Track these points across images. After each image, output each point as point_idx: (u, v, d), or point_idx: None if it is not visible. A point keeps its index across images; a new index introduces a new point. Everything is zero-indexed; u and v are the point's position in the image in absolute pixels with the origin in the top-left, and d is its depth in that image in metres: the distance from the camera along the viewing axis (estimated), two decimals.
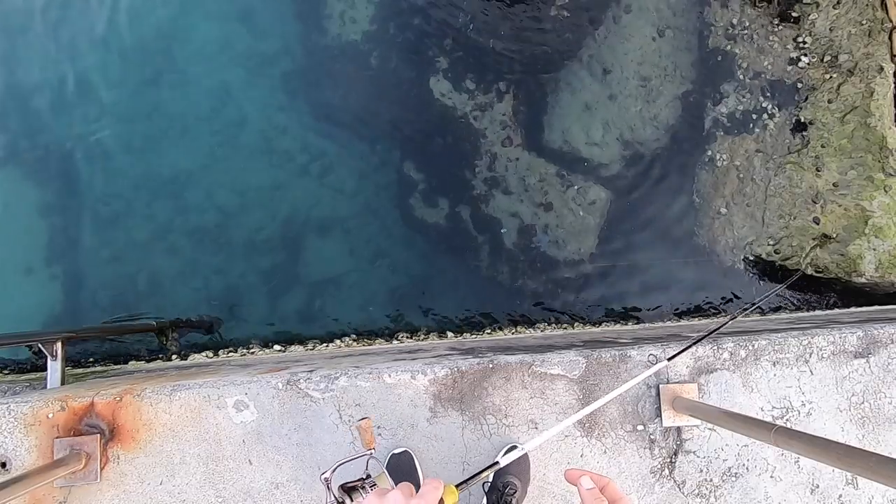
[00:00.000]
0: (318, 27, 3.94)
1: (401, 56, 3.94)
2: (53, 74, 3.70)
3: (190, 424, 1.70)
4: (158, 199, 3.68)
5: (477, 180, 3.89)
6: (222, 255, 3.67)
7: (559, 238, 3.89)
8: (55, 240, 3.60)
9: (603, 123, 4.02)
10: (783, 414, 1.93)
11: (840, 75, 3.90)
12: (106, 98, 3.71)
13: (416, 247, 3.83)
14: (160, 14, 3.81)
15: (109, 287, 3.58)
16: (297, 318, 3.64)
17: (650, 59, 4.08)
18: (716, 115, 4.03)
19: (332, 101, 3.89)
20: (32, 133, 3.66)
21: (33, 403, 1.65)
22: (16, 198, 3.63)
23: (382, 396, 1.79)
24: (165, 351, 3.24)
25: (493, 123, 3.94)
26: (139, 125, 3.75)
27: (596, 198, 3.93)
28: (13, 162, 3.64)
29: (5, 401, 1.65)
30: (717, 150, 3.98)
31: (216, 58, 3.84)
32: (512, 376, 1.85)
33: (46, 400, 1.65)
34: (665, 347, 1.95)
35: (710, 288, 3.80)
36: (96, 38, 3.74)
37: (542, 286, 3.80)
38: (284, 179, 3.80)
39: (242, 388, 1.74)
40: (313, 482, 1.71)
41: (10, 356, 3.29)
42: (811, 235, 3.73)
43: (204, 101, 3.79)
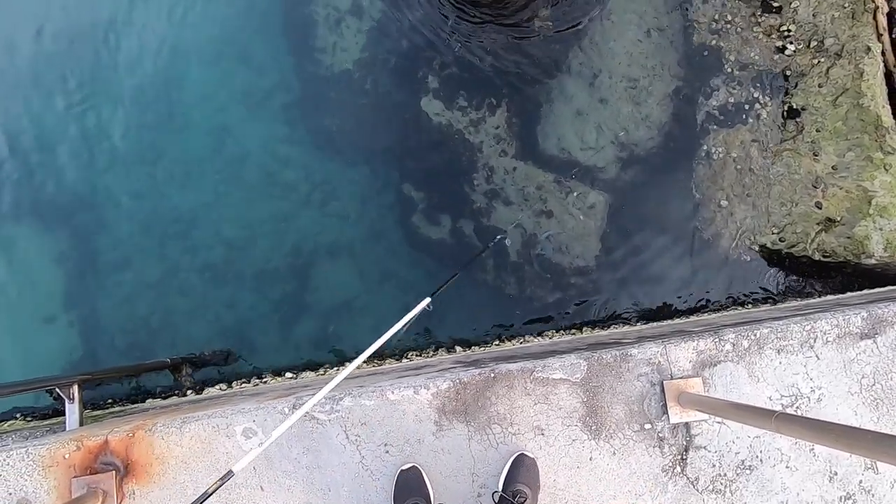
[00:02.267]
0: (312, 59, 4.06)
1: (393, 80, 4.04)
2: (61, 128, 3.86)
3: (201, 455, 1.74)
4: (167, 240, 3.77)
5: (477, 194, 3.93)
6: (232, 288, 3.74)
7: (562, 244, 3.90)
8: (71, 287, 3.71)
9: (596, 128, 4.06)
10: (793, 402, 1.91)
11: (828, 59, 3.90)
12: (112, 147, 3.85)
13: (423, 265, 3.86)
14: (158, 61, 3.97)
15: (125, 329, 3.67)
16: (310, 345, 3.68)
17: (637, 61, 4.12)
18: (708, 110, 4.05)
19: (329, 130, 3.98)
20: (43, 187, 3.80)
21: (50, 445, 1.70)
22: (32, 250, 3.75)
23: (387, 413, 1.81)
24: (180, 387, 3.30)
25: (487, 137, 4.00)
26: (145, 170, 3.87)
27: (595, 201, 3.94)
28: (28, 216, 3.77)
29: (24, 445, 1.71)
30: (713, 144, 3.98)
31: (215, 98, 3.98)
32: (514, 384, 1.87)
33: (62, 441, 1.71)
34: (666, 344, 1.94)
35: (717, 282, 3.77)
36: (99, 89, 3.90)
37: (549, 293, 3.81)
38: (289, 210, 3.88)
39: (250, 415, 1.78)
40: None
41: (30, 403, 3.37)
42: (815, 221, 3.70)
43: (205, 142, 3.91)
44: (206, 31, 4.03)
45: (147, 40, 3.97)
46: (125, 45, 3.96)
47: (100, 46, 3.95)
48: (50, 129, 3.85)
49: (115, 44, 3.95)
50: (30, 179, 3.81)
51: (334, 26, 4.12)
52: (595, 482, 1.81)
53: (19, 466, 1.67)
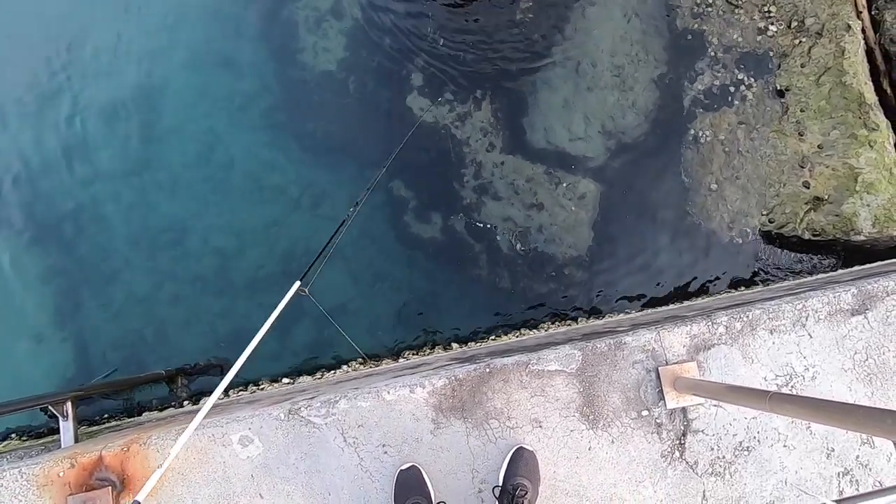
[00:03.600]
0: (293, 61, 4.03)
1: (376, 78, 4.01)
2: (44, 143, 3.81)
3: (198, 466, 1.72)
4: (157, 251, 3.73)
5: (466, 190, 3.92)
6: (225, 297, 3.70)
7: (554, 235, 3.90)
8: (60, 303, 3.66)
9: (583, 117, 4.05)
10: (788, 381, 1.92)
11: (809, 39, 3.91)
12: (96, 160, 3.80)
13: (416, 264, 3.85)
14: (140, 72, 3.92)
15: (118, 343, 3.63)
16: (306, 350, 3.66)
17: (621, 48, 4.12)
18: (693, 94, 4.05)
19: (315, 132, 3.95)
20: (29, 201, 3.75)
21: (44, 464, 1.68)
22: (20, 268, 3.70)
23: (384, 414, 1.80)
24: (177, 398, 3.27)
25: (474, 131, 3.99)
26: (131, 182, 3.83)
27: (585, 191, 3.94)
28: (11, 232, 3.72)
29: (17, 465, 1.69)
30: (700, 128, 3.99)
31: (198, 106, 3.93)
32: (510, 378, 1.86)
33: (56, 459, 1.68)
34: (660, 330, 1.94)
35: (710, 265, 3.78)
36: (80, 101, 3.85)
37: (543, 285, 3.81)
38: (278, 215, 3.84)
39: (245, 423, 1.77)
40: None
41: (25, 423, 3.34)
42: (803, 200, 3.71)
43: (190, 150, 3.87)
44: (184, 38, 3.99)
45: (126, 49, 3.92)
46: (104, 55, 3.90)
47: (78, 57, 3.90)
48: (31, 143, 3.80)
49: (92, 54, 3.90)
50: (12, 194, 3.76)
51: (314, 27, 4.08)
52: (595, 471, 1.81)
53: (13, 487, 1.65)
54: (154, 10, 4.00)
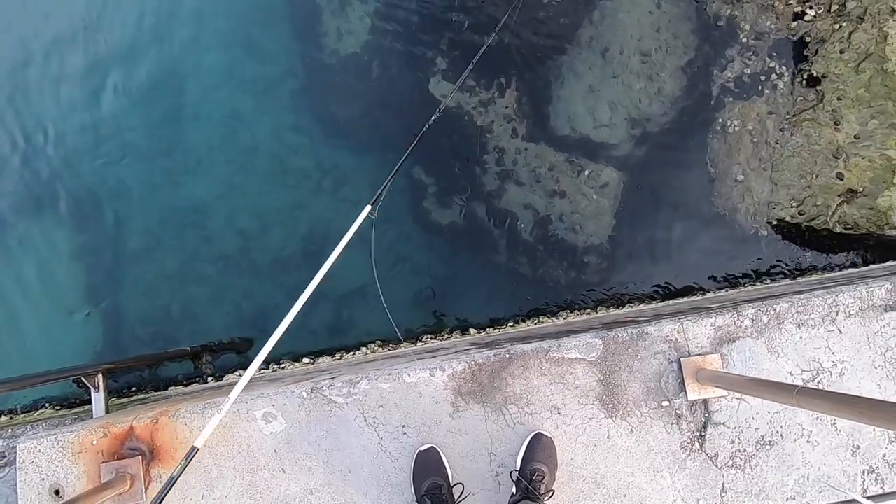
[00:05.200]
0: (317, 44, 4.02)
1: (400, 62, 3.99)
2: (73, 122, 3.89)
3: (223, 440, 1.78)
4: (184, 231, 3.80)
5: (488, 176, 3.90)
6: (248, 277, 3.77)
7: (575, 224, 3.86)
8: (92, 279, 3.77)
9: (609, 104, 3.98)
10: (814, 377, 1.88)
11: (850, 23, 3.75)
12: (125, 139, 3.87)
13: (435, 248, 3.86)
14: (166, 53, 3.96)
15: (146, 319, 3.73)
16: (326, 331, 3.71)
17: (649, 34, 4.01)
18: (722, 82, 3.94)
19: (338, 115, 3.96)
20: (60, 180, 3.84)
21: (78, 432, 1.75)
22: (52, 244, 3.82)
23: (404, 396, 1.83)
24: (201, 374, 3.36)
25: (497, 117, 3.95)
26: (159, 162, 3.89)
27: (608, 179, 3.88)
28: (46, 210, 3.83)
29: (54, 432, 1.76)
30: (728, 117, 3.88)
31: (223, 88, 3.97)
32: (530, 364, 1.86)
33: (90, 428, 1.76)
34: (683, 321, 1.92)
35: (735, 257, 3.71)
36: (107, 84, 3.91)
37: (563, 273, 3.78)
38: (301, 198, 3.88)
39: (269, 399, 1.81)
40: (345, 486, 1.76)
41: (58, 393, 3.47)
42: (836, 192, 3.60)
43: (216, 132, 3.91)
44: (209, 21, 4.01)
45: (152, 31, 3.96)
46: (130, 36, 3.95)
47: (104, 38, 3.95)
48: (62, 125, 3.89)
49: (119, 35, 3.95)
50: (45, 174, 3.86)
51: (339, 10, 4.06)
52: (613, 460, 1.82)
53: (50, 453, 1.72)
54: None
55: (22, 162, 3.84)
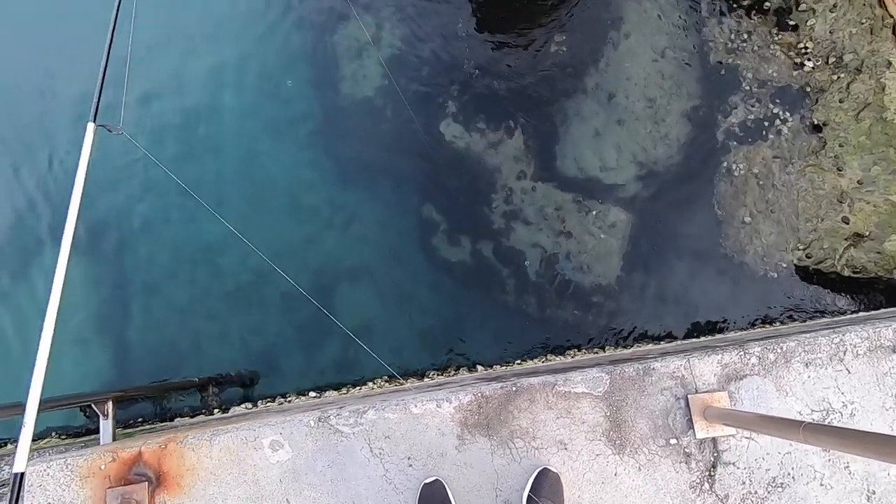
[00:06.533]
0: (334, 88, 4.22)
1: (412, 105, 4.16)
2: (97, 157, 4.05)
3: (230, 467, 1.78)
4: (196, 265, 3.88)
5: (495, 215, 3.98)
6: (257, 312, 3.81)
7: (583, 263, 3.90)
8: (104, 310, 3.83)
9: (615, 147, 4.10)
10: (824, 417, 1.86)
11: (848, 75, 3.89)
12: (144, 174, 4.02)
13: (443, 286, 3.89)
14: (189, 94, 4.17)
15: (154, 351, 3.76)
16: (333, 368, 3.71)
17: (654, 81, 4.18)
18: (727, 127, 4.06)
19: (351, 155, 4.10)
20: (85, 215, 3.96)
21: (87, 456, 1.77)
22: (70, 274, 3.89)
23: (410, 427, 1.83)
24: (207, 406, 3.36)
25: (506, 159, 4.07)
26: (176, 197, 4.02)
27: (616, 220, 3.95)
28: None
29: (63, 456, 1.78)
30: (734, 161, 3.98)
31: (243, 127, 4.15)
32: (536, 398, 1.87)
33: (99, 453, 1.77)
34: (689, 358, 1.93)
35: (743, 300, 3.70)
36: (129, 117, 4.10)
37: (570, 313, 3.79)
38: (312, 234, 3.97)
39: (276, 428, 1.82)
40: None
41: (64, 422, 3.47)
42: (842, 236, 3.63)
43: (234, 169, 4.06)
44: (233, 62, 4.23)
45: (176, 74, 4.18)
46: (154, 75, 4.17)
47: (131, 75, 4.17)
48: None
49: (144, 72, 4.17)
50: (65, 205, 3.99)
51: (356, 56, 4.29)
52: (621, 498, 1.79)
53: (59, 476, 1.74)
54: (206, 32, 4.27)
55: (43, 192, 3.99)
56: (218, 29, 4.31)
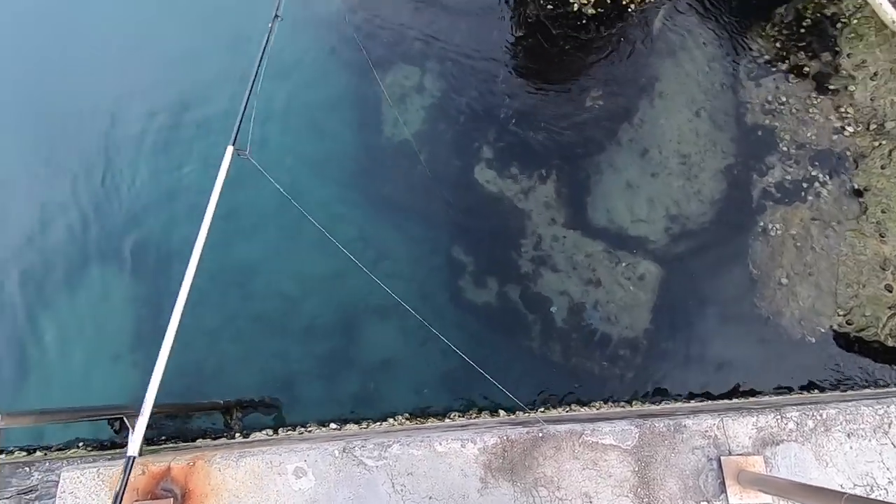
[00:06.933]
0: (376, 130, 4.42)
1: (448, 150, 4.31)
2: (149, 180, 4.29)
3: (252, 491, 1.79)
4: (229, 290, 3.99)
5: (524, 260, 4.00)
6: (283, 340, 3.87)
7: (611, 314, 3.85)
8: (139, 328, 3.96)
9: (647, 200, 4.12)
10: (867, 492, 1.77)
11: (890, 142, 3.87)
12: (190, 200, 4.23)
13: (467, 327, 3.89)
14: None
15: (182, 372, 3.83)
16: (351, 401, 3.70)
17: (689, 138, 4.23)
18: (764, 186, 4.04)
19: (385, 194, 4.23)
20: (127, 232, 4.17)
21: (118, 466, 1.81)
22: (111, 290, 4.07)
23: (433, 465, 1.82)
24: (229, 429, 3.39)
25: (537, 205, 4.13)
26: (217, 224, 4.18)
27: (646, 272, 3.92)
28: (112, 259, 4.13)
29: (95, 465, 1.83)
30: (770, 221, 3.94)
31: (284, 160, 4.34)
32: (562, 446, 1.84)
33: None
34: (723, 417, 1.88)
35: (777, 363, 3.57)
36: (179, 151, 4.35)
37: (596, 364, 3.72)
38: (341, 268, 4.04)
39: (302, 454, 1.84)
40: None
41: (92, 436, 3.54)
42: (886, 304, 3.51)
43: (271, 200, 4.23)
44: (281, 97, 4.48)
45: (224, 114, 4.44)
46: (210, 114, 4.44)
47: (189, 112, 4.46)
48: (136, 184, 4.29)
49: (202, 111, 4.45)
50: (115, 224, 4.20)
51: (399, 102, 4.50)
52: None
53: (90, 485, 1.78)
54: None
55: (96, 212, 4.22)
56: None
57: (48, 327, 3.95)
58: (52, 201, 4.25)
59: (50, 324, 3.96)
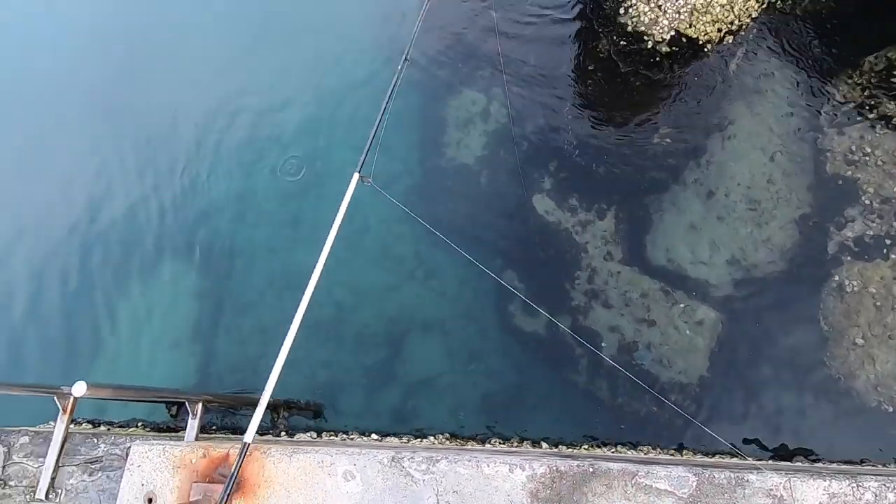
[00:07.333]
0: (438, 152, 4.55)
1: (508, 177, 4.36)
2: (225, 184, 4.59)
3: (302, 487, 1.84)
4: (286, 293, 4.17)
5: (576, 292, 3.95)
6: (332, 346, 3.97)
7: (664, 356, 3.73)
8: (202, 321, 4.18)
9: (710, 243, 3.99)
10: None
11: None
12: (261, 207, 4.48)
13: (512, 354, 3.86)
14: (310, 143, 4.66)
15: (235, 366, 4.01)
16: (390, 415, 3.73)
17: (760, 183, 4.09)
18: (841, 240, 3.83)
19: (442, 214, 4.31)
20: (200, 230, 4.45)
21: (183, 448, 1.91)
22: (178, 283, 4.34)
23: (479, 486, 1.81)
24: (276, 427, 3.49)
25: (594, 238, 4.08)
26: (282, 230, 4.41)
27: (704, 317, 3.77)
28: (186, 254, 4.42)
29: (163, 443, 1.94)
30: (846, 276, 3.72)
31: (345, 176, 4.53)
32: (613, 484, 1.78)
33: (193, 446, 1.92)
34: (791, 477, 1.77)
35: (847, 429, 3.31)
36: (264, 158, 4.64)
37: (644, 405, 3.59)
38: (394, 282, 4.15)
39: (352, 458, 1.87)
40: None
41: (149, 416, 3.73)
42: None
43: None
44: (345, 115, 4.70)
45: (300, 126, 4.71)
46: (286, 125, 4.73)
47: (261, 128, 4.76)
48: (217, 184, 4.59)
49: (278, 121, 4.74)
50: (189, 222, 4.50)
51: (463, 126, 4.62)
52: None
53: (156, 461, 1.89)
54: (319, 87, 4.79)
55: (177, 212, 4.53)
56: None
57: (121, 310, 4.25)
58: (137, 195, 4.62)
59: (123, 307, 4.26)
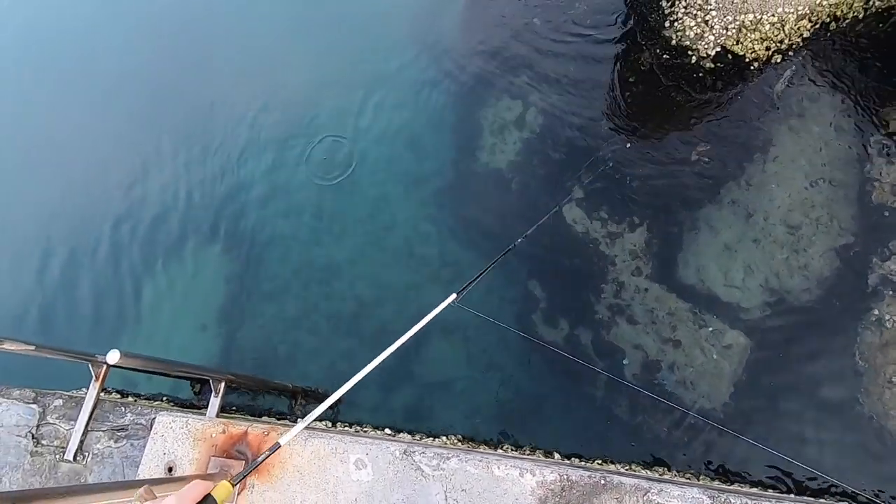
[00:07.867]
0: (471, 155, 4.58)
1: (539, 184, 4.35)
2: (259, 175, 4.73)
3: (315, 472, 1.88)
4: (311, 284, 4.26)
5: (601, 306, 3.90)
6: (352, 340, 4.04)
7: (687, 378, 3.64)
8: (227, 305, 4.31)
9: (744, 266, 3.89)
10: None
11: None
12: (291, 199, 4.60)
13: (531, 363, 3.84)
14: (342, 139, 4.76)
15: (257, 352, 4.12)
16: (403, 413, 3.76)
17: (800, 208, 3.96)
18: (884, 273, 3.68)
19: (471, 217, 4.34)
20: (232, 218, 4.59)
21: (205, 422, 1.98)
22: (210, 266, 4.49)
23: (488, 487, 1.81)
24: (293, 413, 3.56)
25: (623, 252, 4.03)
26: (312, 222, 4.52)
27: (733, 342, 3.68)
28: (217, 239, 4.56)
29: (186, 417, 2.01)
30: (887, 311, 3.56)
31: (380, 173, 4.62)
32: (625, 499, 1.76)
33: (215, 422, 1.98)
34: None
35: (879, 470, 3.17)
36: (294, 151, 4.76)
37: (663, 427, 3.51)
38: (417, 281, 4.19)
39: (365, 447, 1.90)
40: None
41: (173, 392, 3.87)
42: None
43: (364, 207, 4.49)
44: (385, 115, 4.79)
45: (334, 124, 4.82)
46: (316, 121, 4.84)
47: (295, 120, 4.89)
48: (251, 175, 4.74)
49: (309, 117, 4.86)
50: (222, 209, 4.65)
51: (497, 131, 4.64)
52: None
53: (179, 432, 1.96)
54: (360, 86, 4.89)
55: (212, 198, 4.69)
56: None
57: (148, 286, 4.41)
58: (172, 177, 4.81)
59: (150, 283, 4.42)
